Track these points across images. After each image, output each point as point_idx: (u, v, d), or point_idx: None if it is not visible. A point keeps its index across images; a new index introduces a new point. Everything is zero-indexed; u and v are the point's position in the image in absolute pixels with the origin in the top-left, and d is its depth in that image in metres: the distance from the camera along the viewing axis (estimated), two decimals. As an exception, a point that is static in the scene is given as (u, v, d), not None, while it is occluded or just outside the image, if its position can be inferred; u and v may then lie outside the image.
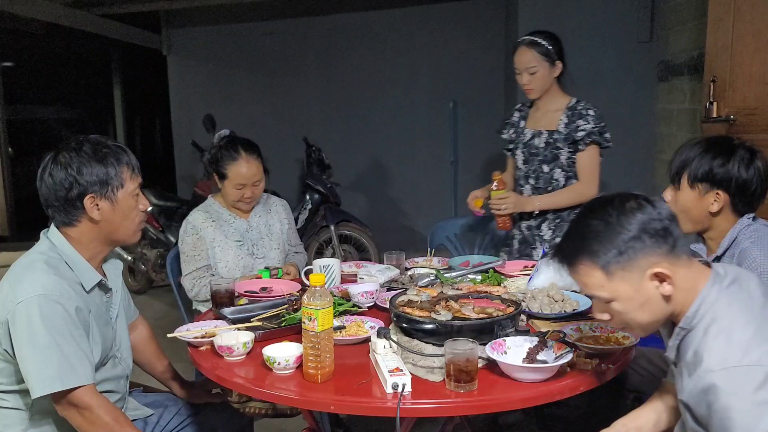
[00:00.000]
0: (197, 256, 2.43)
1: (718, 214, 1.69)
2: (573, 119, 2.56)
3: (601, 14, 4.86)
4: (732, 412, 1.11)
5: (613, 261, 1.22)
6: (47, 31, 7.57)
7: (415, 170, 6.17)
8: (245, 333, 1.72)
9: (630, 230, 1.21)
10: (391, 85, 6.19)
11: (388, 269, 2.28)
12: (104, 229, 1.60)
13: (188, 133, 6.07)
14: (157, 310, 4.63)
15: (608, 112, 4.87)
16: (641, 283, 1.23)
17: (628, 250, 1.21)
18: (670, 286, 1.22)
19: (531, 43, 2.55)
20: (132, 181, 1.62)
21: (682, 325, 1.25)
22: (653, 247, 1.21)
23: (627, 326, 1.31)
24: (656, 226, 1.22)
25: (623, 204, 1.24)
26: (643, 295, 1.23)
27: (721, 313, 1.20)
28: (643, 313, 1.25)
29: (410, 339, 1.61)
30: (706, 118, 3.00)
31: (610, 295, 1.25)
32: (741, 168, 1.65)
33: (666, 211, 1.25)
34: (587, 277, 1.26)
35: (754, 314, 1.20)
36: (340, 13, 6.22)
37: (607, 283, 1.24)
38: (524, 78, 2.57)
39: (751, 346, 1.14)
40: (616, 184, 5.01)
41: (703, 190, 1.68)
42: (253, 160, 2.44)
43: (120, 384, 1.71)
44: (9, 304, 1.47)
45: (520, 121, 2.73)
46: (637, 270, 1.22)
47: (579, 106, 2.59)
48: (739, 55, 2.89)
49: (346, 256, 4.69)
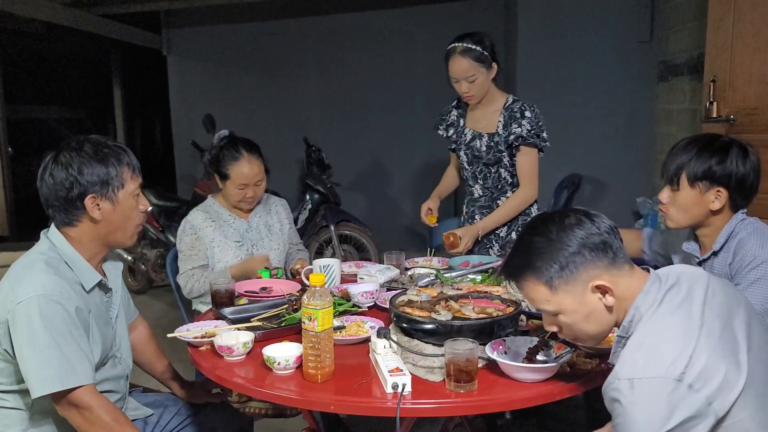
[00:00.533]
0: (194, 256, 2.43)
1: (719, 211, 1.72)
2: (510, 121, 2.53)
3: (601, 14, 4.86)
4: (631, 423, 1.11)
5: (555, 276, 1.26)
6: (47, 31, 7.59)
7: (415, 170, 6.17)
8: (245, 333, 1.72)
9: (570, 246, 1.25)
10: (391, 86, 6.19)
11: (388, 269, 2.28)
12: (104, 230, 1.60)
13: (188, 133, 6.07)
14: (157, 310, 4.63)
15: (608, 112, 4.95)
16: (584, 296, 1.26)
17: (569, 264, 1.25)
18: (612, 297, 1.25)
19: (464, 50, 2.45)
20: (133, 182, 1.61)
21: (619, 333, 1.28)
22: (594, 260, 1.25)
23: (576, 338, 1.35)
24: (595, 240, 1.26)
25: (562, 220, 1.28)
26: (587, 307, 1.27)
27: (646, 321, 1.21)
28: (589, 325, 1.29)
29: (410, 339, 1.61)
30: (706, 118, 3.01)
31: (555, 308, 1.29)
32: (738, 163, 1.69)
33: (605, 226, 1.28)
34: (533, 292, 1.31)
35: (679, 325, 1.18)
36: (339, 13, 6.22)
37: (552, 297, 1.28)
38: (463, 86, 2.50)
39: (658, 358, 1.13)
40: (616, 184, 5.06)
41: (703, 188, 1.70)
42: (255, 160, 2.45)
43: (120, 384, 1.71)
44: (9, 304, 1.47)
45: (459, 120, 2.71)
46: (580, 283, 1.26)
47: (515, 107, 2.54)
48: (739, 55, 2.89)
49: (346, 256, 4.69)
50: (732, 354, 1.14)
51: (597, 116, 4.96)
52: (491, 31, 5.80)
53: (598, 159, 5.01)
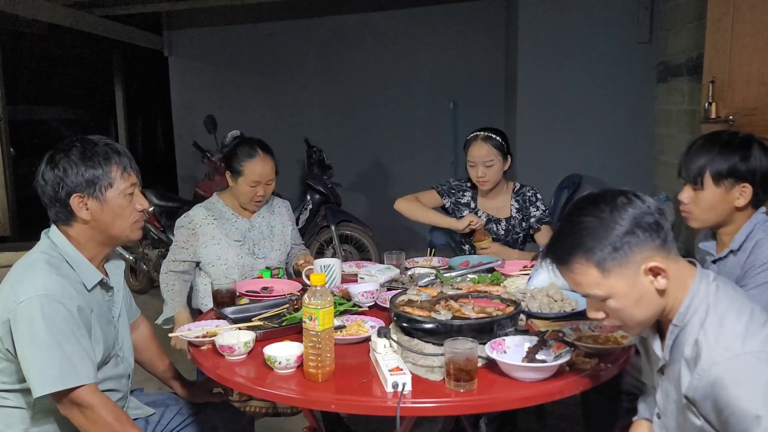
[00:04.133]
0: (185, 250, 2.46)
1: (743, 208, 1.73)
2: (524, 204, 2.78)
3: (600, 15, 4.87)
4: (742, 401, 1.11)
5: (608, 257, 1.20)
6: (49, 32, 7.60)
7: (415, 170, 6.18)
8: (246, 332, 1.73)
9: (623, 225, 1.20)
10: (392, 86, 6.20)
11: (389, 269, 2.29)
12: (97, 229, 1.61)
13: (190, 134, 6.08)
14: (158, 309, 4.54)
15: (608, 112, 4.96)
16: (636, 279, 1.22)
17: (624, 245, 1.20)
18: (665, 279, 1.22)
19: (486, 138, 2.71)
20: (123, 180, 1.60)
21: (676, 322, 1.25)
22: (647, 241, 1.21)
23: (623, 324, 1.30)
24: (648, 220, 1.22)
25: (614, 199, 1.23)
26: (638, 290, 1.22)
27: (714, 306, 1.21)
28: (639, 309, 1.24)
29: (410, 338, 1.62)
30: (705, 119, 3.01)
31: (605, 292, 1.23)
32: (762, 159, 1.70)
33: (655, 205, 1.24)
34: (582, 276, 1.24)
35: (744, 305, 1.21)
36: (340, 14, 6.23)
37: (603, 280, 1.22)
38: (480, 170, 2.70)
39: (748, 334, 1.15)
40: (615, 184, 5.02)
41: (729, 185, 1.71)
42: (269, 160, 2.47)
43: (122, 383, 1.72)
44: (11, 304, 1.48)
45: (471, 202, 2.84)
46: (633, 265, 1.21)
47: (527, 193, 2.80)
48: (738, 55, 2.89)
49: (347, 256, 4.70)
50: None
51: (597, 116, 4.96)
52: (492, 32, 5.88)
53: (598, 159, 5.02)
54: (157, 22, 6.63)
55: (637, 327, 1.31)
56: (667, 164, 4.39)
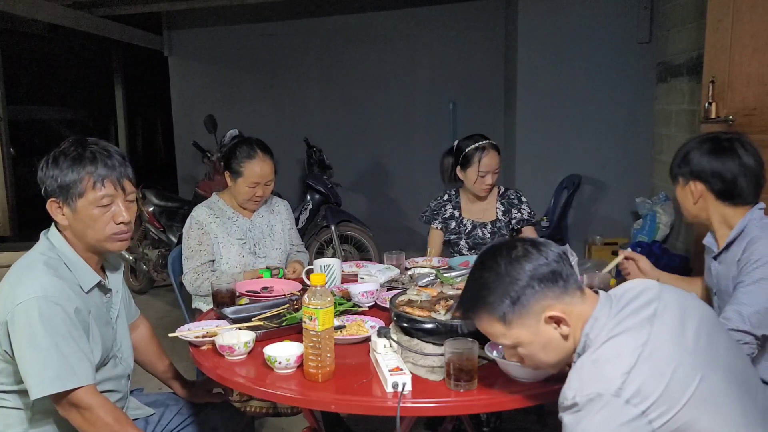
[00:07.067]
0: (203, 251, 2.44)
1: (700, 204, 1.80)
2: (509, 207, 2.81)
3: (600, 15, 4.87)
4: None
5: (508, 311, 1.24)
6: (49, 32, 7.60)
7: (415, 170, 6.18)
8: (246, 332, 1.73)
9: (520, 279, 1.23)
10: (392, 87, 6.20)
11: (389, 269, 2.29)
12: (75, 234, 1.59)
13: (190, 134, 6.08)
14: (158, 309, 4.64)
15: (608, 112, 4.96)
16: (538, 327, 1.24)
17: (520, 297, 1.23)
18: (566, 326, 1.24)
19: (493, 146, 2.73)
20: (94, 191, 1.53)
21: (574, 361, 1.25)
22: (544, 291, 1.23)
23: (537, 367, 1.33)
24: (544, 270, 1.23)
25: (510, 253, 1.26)
26: (543, 337, 1.25)
27: (598, 345, 1.19)
28: (547, 354, 1.27)
29: (410, 338, 1.62)
30: (705, 119, 3.01)
31: (512, 342, 1.27)
32: (710, 158, 1.75)
33: (553, 254, 1.26)
34: (489, 327, 1.29)
35: (629, 340, 1.16)
36: (340, 15, 6.23)
37: (507, 331, 1.26)
38: (488, 179, 2.71)
39: (607, 374, 1.12)
40: (615, 184, 5.07)
41: (683, 183, 1.83)
42: (268, 160, 2.48)
43: (121, 383, 1.72)
44: (9, 306, 1.47)
45: (454, 212, 2.84)
46: (533, 315, 1.24)
47: (511, 195, 2.83)
48: (738, 55, 2.90)
49: (347, 256, 4.70)
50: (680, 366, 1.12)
51: (597, 116, 4.97)
52: (491, 33, 5.88)
53: (598, 159, 5.02)
54: (157, 22, 6.63)
55: (552, 368, 1.34)
56: (666, 164, 4.35)
